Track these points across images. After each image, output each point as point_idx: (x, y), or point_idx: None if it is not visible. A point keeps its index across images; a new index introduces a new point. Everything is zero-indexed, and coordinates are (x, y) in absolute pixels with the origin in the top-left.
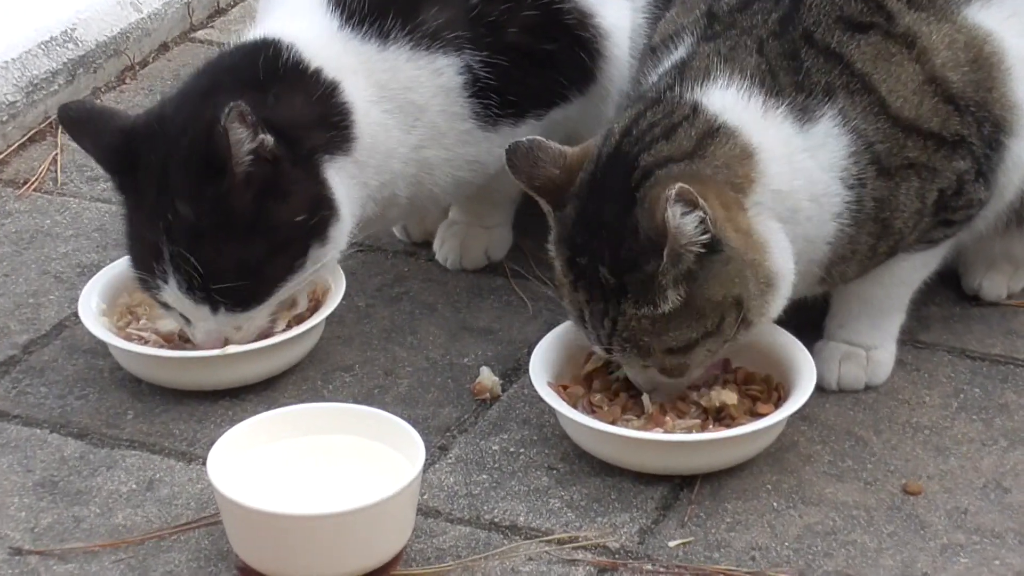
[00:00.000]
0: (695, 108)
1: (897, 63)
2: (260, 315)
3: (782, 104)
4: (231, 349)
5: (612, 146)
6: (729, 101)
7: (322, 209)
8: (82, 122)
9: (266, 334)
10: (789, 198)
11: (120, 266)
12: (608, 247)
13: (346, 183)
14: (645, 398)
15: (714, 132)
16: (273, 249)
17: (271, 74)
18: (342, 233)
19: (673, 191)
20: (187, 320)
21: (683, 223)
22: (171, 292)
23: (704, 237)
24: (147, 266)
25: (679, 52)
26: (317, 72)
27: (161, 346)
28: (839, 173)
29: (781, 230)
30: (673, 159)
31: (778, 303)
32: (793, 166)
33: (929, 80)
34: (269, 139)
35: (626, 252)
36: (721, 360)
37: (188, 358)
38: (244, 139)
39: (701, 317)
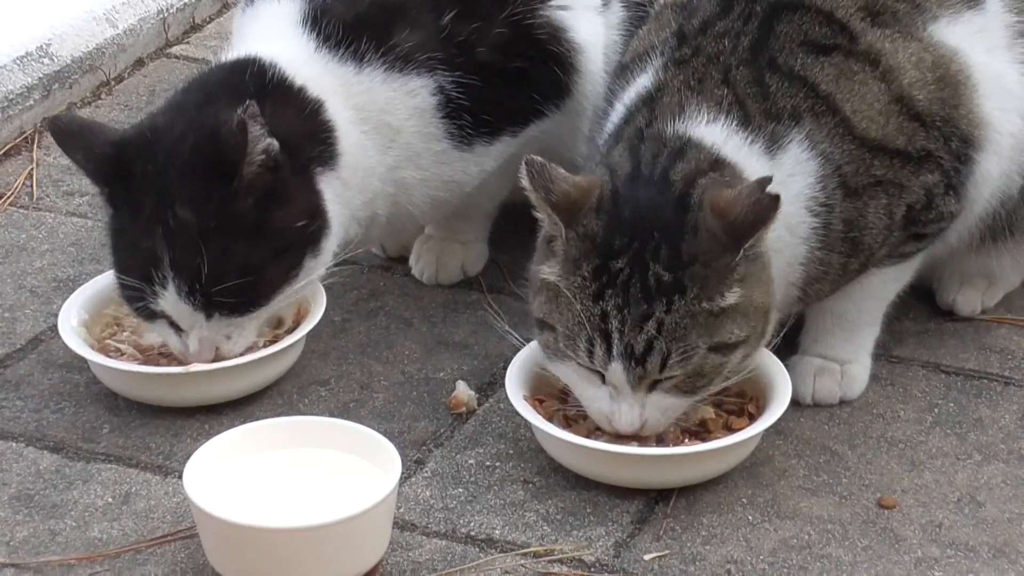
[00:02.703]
0: (688, 140)
1: (860, 82)
2: (251, 325)
3: (755, 136)
4: (194, 368)
5: (628, 169)
6: (718, 135)
7: (318, 218)
8: (73, 134)
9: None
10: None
11: (108, 278)
12: (663, 247)
13: (332, 199)
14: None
15: (720, 161)
16: (273, 254)
17: (260, 89)
18: (330, 247)
19: (772, 190)
20: (177, 331)
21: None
22: (169, 298)
23: (772, 235)
24: (143, 274)
25: (649, 75)
26: (302, 90)
27: (136, 359)
28: (806, 202)
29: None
30: (702, 172)
31: (773, 328)
32: None
33: (895, 99)
34: (275, 144)
35: (687, 249)
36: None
37: (168, 375)
38: (259, 136)
39: (747, 318)
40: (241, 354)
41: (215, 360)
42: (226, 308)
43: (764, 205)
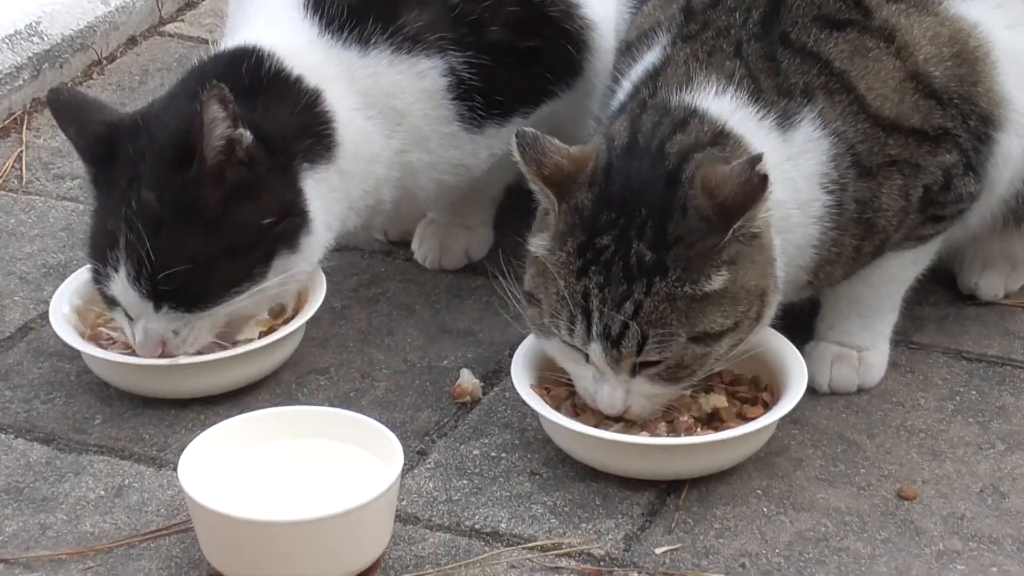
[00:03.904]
0: (693, 111)
1: (875, 59)
2: (203, 323)
3: (766, 111)
4: (183, 359)
5: (624, 140)
6: (726, 107)
7: (293, 215)
8: (71, 108)
9: (210, 349)
10: (781, 207)
11: None
12: (649, 224)
13: (325, 196)
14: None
15: (724, 134)
16: (232, 250)
17: (255, 83)
18: (314, 245)
19: (760, 166)
20: (130, 319)
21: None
22: (119, 283)
23: (767, 214)
24: (101, 255)
25: (656, 52)
26: (299, 80)
27: (127, 347)
28: (819, 179)
29: (777, 240)
30: (700, 146)
31: (774, 310)
32: (782, 175)
33: (910, 76)
34: (248, 136)
35: (673, 228)
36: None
37: (161, 365)
38: (218, 120)
39: (735, 303)
40: (232, 345)
41: (163, 356)
42: (174, 301)
43: (753, 185)
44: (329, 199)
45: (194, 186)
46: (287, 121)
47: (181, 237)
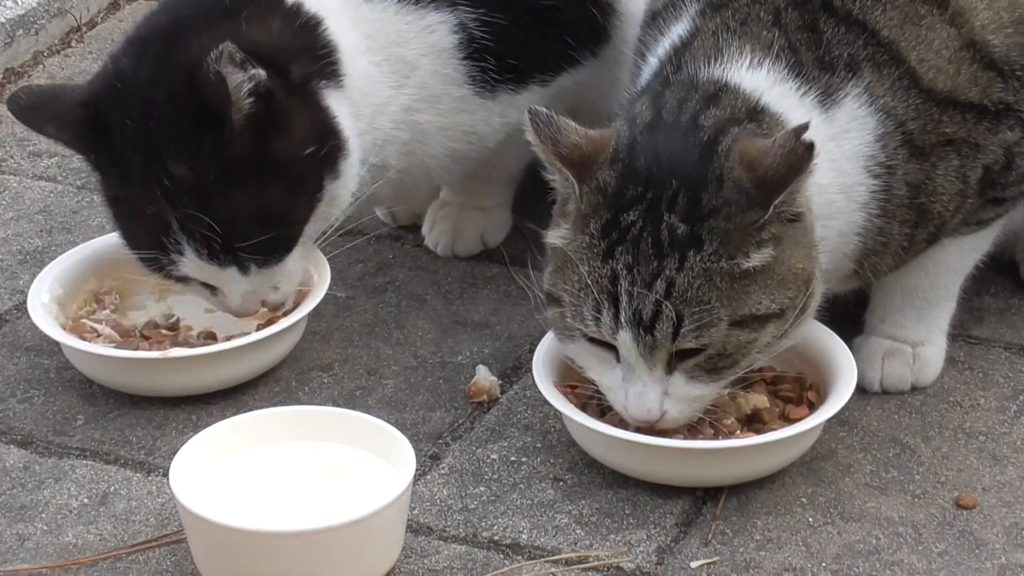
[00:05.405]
0: (724, 85)
1: (928, 27)
2: (294, 264)
3: (808, 87)
4: (173, 353)
5: (648, 118)
6: (761, 82)
7: (330, 139)
8: (38, 107)
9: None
10: (824, 192)
11: (86, 248)
12: (682, 196)
13: (347, 117)
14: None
15: (760, 110)
16: (290, 189)
17: (239, 3)
18: (352, 169)
19: (806, 139)
20: (212, 290)
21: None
22: (191, 263)
23: (808, 195)
24: (155, 242)
25: (684, 23)
26: (297, 5)
27: (114, 341)
28: (864, 162)
29: (819, 227)
30: (737, 121)
31: (818, 301)
32: (825, 156)
33: (967, 45)
34: (260, 72)
35: (708, 200)
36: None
37: (149, 360)
38: (242, 82)
39: (783, 286)
40: (233, 336)
41: (266, 308)
42: (258, 258)
43: (798, 155)
44: (351, 121)
45: (228, 146)
46: (284, 38)
47: (239, 198)
